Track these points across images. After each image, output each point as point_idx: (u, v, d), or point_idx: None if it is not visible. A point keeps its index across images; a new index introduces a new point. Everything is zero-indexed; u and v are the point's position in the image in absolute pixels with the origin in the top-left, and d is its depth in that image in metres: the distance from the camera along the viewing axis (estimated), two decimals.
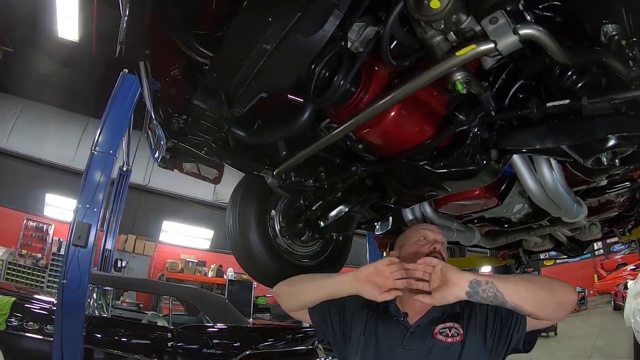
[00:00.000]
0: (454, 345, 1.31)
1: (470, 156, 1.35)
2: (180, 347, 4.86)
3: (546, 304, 1.25)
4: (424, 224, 1.69)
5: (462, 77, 1.11)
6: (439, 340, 1.32)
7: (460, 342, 1.31)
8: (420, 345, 1.33)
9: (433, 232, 1.54)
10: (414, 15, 1.01)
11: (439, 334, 1.34)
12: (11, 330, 4.33)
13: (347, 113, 1.34)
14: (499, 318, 1.32)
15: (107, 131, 4.51)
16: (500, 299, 1.22)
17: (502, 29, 0.97)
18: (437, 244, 1.49)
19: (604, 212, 2.45)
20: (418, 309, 1.42)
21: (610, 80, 1.14)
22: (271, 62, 1.13)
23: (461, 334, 1.33)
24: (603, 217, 2.63)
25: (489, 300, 1.24)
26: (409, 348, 1.34)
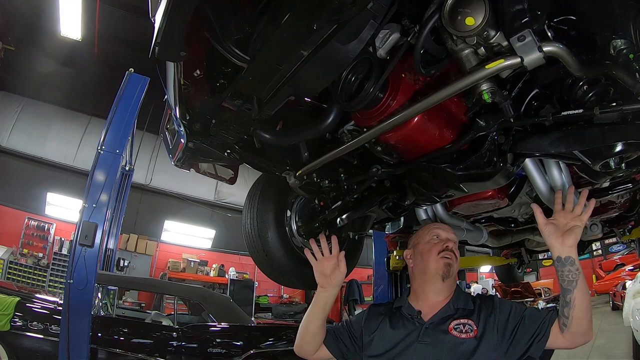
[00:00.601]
0: (467, 340, 1.36)
1: (487, 159, 1.41)
2: (185, 346, 4.90)
3: (585, 320, 1.30)
4: (437, 223, 1.71)
5: (489, 87, 1.18)
6: (454, 335, 1.38)
7: (474, 337, 1.36)
8: (435, 340, 1.39)
9: (446, 231, 1.59)
10: (449, 30, 1.07)
11: (454, 329, 1.39)
12: (15, 330, 4.36)
13: (374, 118, 1.39)
14: (523, 324, 1.37)
15: (113, 130, 4.52)
16: (571, 287, 1.28)
17: (528, 46, 1.03)
18: (450, 242, 1.54)
19: (605, 212, 2.53)
20: (431, 306, 1.48)
21: (617, 90, 1.22)
22: (307, 67, 1.17)
23: (475, 330, 1.38)
24: (604, 218, 2.68)
25: (563, 280, 1.30)
26: (425, 343, 1.39)
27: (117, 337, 4.68)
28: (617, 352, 7.56)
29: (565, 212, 1.32)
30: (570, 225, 1.30)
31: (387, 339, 1.46)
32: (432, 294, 1.50)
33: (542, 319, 1.36)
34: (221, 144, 1.59)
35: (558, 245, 1.30)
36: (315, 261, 1.57)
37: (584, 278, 1.30)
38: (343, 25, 1.04)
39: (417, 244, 1.61)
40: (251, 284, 12.36)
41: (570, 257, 1.29)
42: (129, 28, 9.02)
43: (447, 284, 1.50)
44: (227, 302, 6.04)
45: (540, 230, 1.34)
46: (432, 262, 1.50)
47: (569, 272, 1.28)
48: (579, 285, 1.28)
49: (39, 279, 9.84)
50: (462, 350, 1.34)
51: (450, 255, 1.50)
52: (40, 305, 4.72)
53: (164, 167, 11.64)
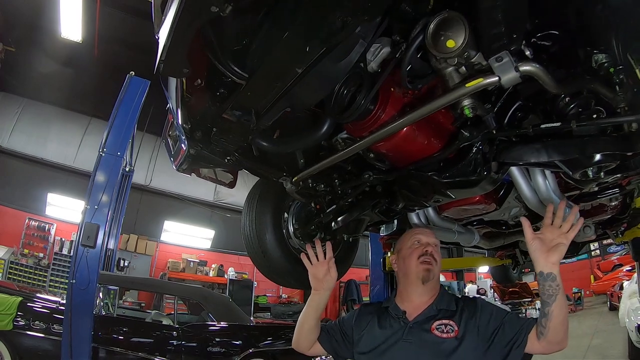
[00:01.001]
0: (448, 340, 1.45)
1: (472, 167, 1.50)
2: (185, 345, 4.97)
3: (561, 331, 1.37)
4: (419, 228, 1.82)
5: (470, 103, 1.27)
6: (436, 335, 1.47)
7: (455, 337, 1.46)
8: (418, 338, 1.48)
9: (426, 235, 1.68)
10: (431, 51, 1.15)
11: (436, 329, 1.48)
12: (17, 329, 4.43)
13: (365, 128, 1.48)
14: (502, 329, 1.45)
15: (114, 133, 4.59)
16: (550, 301, 1.35)
17: (506, 66, 1.11)
18: (429, 246, 1.63)
19: (596, 215, 2.59)
20: (416, 306, 1.58)
21: (599, 102, 1.29)
22: (302, 83, 1.25)
23: (455, 330, 1.47)
24: (596, 220, 2.74)
25: (544, 293, 1.37)
26: (409, 341, 1.49)
27: (118, 336, 4.75)
28: (613, 352, 7.62)
29: (553, 228, 1.38)
30: (556, 242, 1.36)
31: (375, 336, 1.56)
32: (415, 296, 1.60)
33: (520, 327, 1.44)
34: (221, 151, 1.67)
35: (542, 261, 1.37)
36: (310, 265, 1.69)
37: (564, 293, 1.38)
38: (334, 47, 1.12)
39: (400, 249, 1.71)
40: (250, 284, 12.43)
41: (552, 274, 1.36)
42: (129, 29, 9.06)
43: (429, 286, 1.58)
44: (226, 302, 6.13)
45: (527, 244, 1.41)
46: (413, 267, 1.60)
47: (550, 287, 1.36)
48: (558, 300, 1.35)
49: (39, 279, 9.87)
50: (443, 348, 1.43)
51: (430, 260, 1.60)
52: (43, 305, 4.78)
53: (164, 168, 11.65)
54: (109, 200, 4.32)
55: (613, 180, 1.83)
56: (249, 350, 5.24)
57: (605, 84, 1.18)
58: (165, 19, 1.12)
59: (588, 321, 11.81)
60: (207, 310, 5.52)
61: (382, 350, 1.51)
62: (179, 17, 0.96)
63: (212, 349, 5.14)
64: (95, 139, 10.58)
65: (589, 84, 1.22)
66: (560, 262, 1.38)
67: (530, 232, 1.41)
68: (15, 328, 4.42)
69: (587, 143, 1.31)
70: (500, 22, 1.03)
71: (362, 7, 1.00)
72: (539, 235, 1.39)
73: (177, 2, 0.94)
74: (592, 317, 12.47)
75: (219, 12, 0.94)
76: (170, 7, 1.06)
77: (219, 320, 5.43)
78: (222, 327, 5.41)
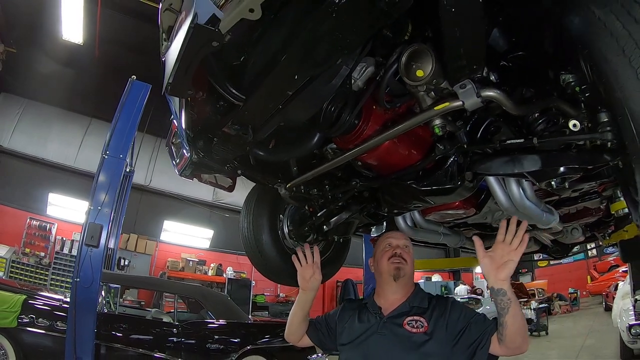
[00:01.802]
0: (417, 335, 1.58)
1: (448, 177, 1.65)
2: (185, 342, 5.11)
3: (518, 338, 1.45)
4: (390, 232, 1.91)
5: (440, 123, 1.44)
6: (406, 329, 1.59)
7: (424, 333, 1.58)
8: (390, 332, 1.61)
9: (397, 238, 1.81)
10: (404, 79, 1.30)
11: (407, 324, 1.61)
12: (21, 326, 4.54)
13: (350, 141, 1.63)
14: (469, 329, 1.56)
15: (116, 136, 4.69)
16: (503, 313, 1.44)
17: (469, 92, 1.26)
18: (399, 248, 1.76)
19: (581, 218, 2.67)
20: (391, 303, 1.71)
21: (565, 118, 1.41)
22: (292, 103, 1.41)
23: (425, 326, 1.59)
24: (583, 222, 2.83)
25: (497, 305, 1.46)
26: (382, 334, 1.62)
27: (120, 333, 4.87)
28: (605, 352, 7.68)
29: (504, 245, 1.46)
30: (505, 259, 1.45)
31: (354, 329, 1.71)
32: (389, 293, 1.73)
33: (485, 329, 1.54)
34: (221, 159, 1.81)
35: (492, 278, 1.46)
36: (299, 266, 1.87)
37: (516, 303, 1.45)
38: (319, 75, 1.28)
39: (375, 253, 1.86)
40: (248, 283, 12.60)
41: (502, 289, 1.45)
42: (129, 31, 9.19)
43: (401, 283, 1.72)
44: (225, 300, 6.25)
45: (479, 261, 1.51)
46: (384, 267, 1.74)
47: (501, 301, 1.45)
48: (510, 312, 1.43)
49: (40, 277, 10.00)
50: (412, 342, 1.56)
51: (399, 260, 1.73)
52: (47, 303, 4.89)
53: (164, 169, 11.82)
54: (111, 201, 4.42)
55: (589, 187, 1.93)
56: (246, 347, 5.38)
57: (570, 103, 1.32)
58: (171, 45, 1.27)
59: (583, 321, 11.94)
60: (206, 308, 5.65)
61: (360, 341, 1.65)
62: (184, 50, 1.10)
63: (211, 346, 5.28)
64: (96, 139, 10.70)
65: (552, 103, 1.35)
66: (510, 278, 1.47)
67: (482, 251, 1.51)
68: (19, 325, 4.52)
69: (551, 157, 1.45)
70: (462, 56, 1.17)
71: (342, 43, 1.15)
72: (489, 253, 1.49)
73: (183, 35, 1.08)
74: (588, 317, 12.58)
75: (219, 45, 1.08)
76: (177, 35, 1.21)
77: (218, 318, 5.57)
78: (220, 325, 5.55)
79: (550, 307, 14.35)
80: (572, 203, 2.29)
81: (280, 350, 5.56)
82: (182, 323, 5.33)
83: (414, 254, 1.82)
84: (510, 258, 1.45)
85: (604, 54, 1.06)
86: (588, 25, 1.11)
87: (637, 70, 1.00)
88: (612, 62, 1.04)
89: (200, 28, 1.03)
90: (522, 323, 1.46)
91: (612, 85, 1.05)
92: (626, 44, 1.02)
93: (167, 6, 1.32)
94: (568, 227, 2.86)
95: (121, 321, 5.18)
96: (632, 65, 1.00)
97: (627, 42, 1.02)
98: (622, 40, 1.03)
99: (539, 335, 11.05)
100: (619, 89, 1.03)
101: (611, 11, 1.07)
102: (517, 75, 1.42)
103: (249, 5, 1.00)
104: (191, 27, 1.03)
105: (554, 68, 1.35)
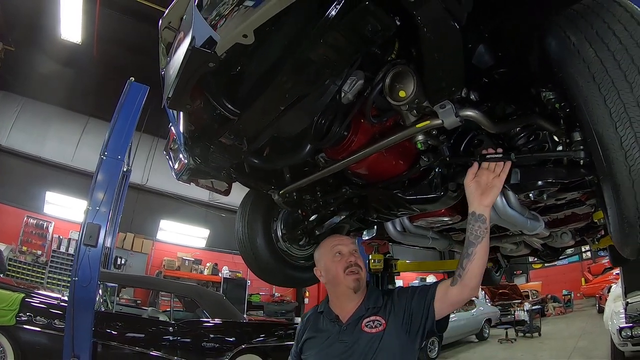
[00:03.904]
0: (377, 334, 1.57)
1: (433, 187, 1.74)
2: (180, 341, 5.18)
3: (477, 277, 1.47)
4: (336, 238, 1.81)
5: (422, 138, 1.52)
6: (366, 332, 1.57)
7: (383, 330, 1.58)
8: (352, 338, 1.58)
9: (346, 245, 1.72)
10: (387, 99, 1.39)
11: (366, 326, 1.59)
12: (19, 324, 4.58)
13: (340, 152, 1.72)
14: (410, 308, 1.57)
15: (115, 137, 4.77)
16: (476, 242, 1.44)
17: (448, 112, 1.35)
18: (352, 256, 1.68)
19: (570, 223, 2.72)
20: (347, 310, 1.68)
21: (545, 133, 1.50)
22: (284, 117, 1.50)
23: (383, 323, 1.57)
24: (572, 227, 2.88)
25: (471, 233, 1.46)
26: (344, 342, 1.58)
27: (117, 332, 4.93)
28: (597, 354, 7.74)
29: (489, 171, 1.47)
30: (491, 185, 1.46)
31: (314, 341, 1.69)
32: (346, 302, 1.68)
33: (428, 288, 1.58)
34: (217, 166, 1.90)
35: (476, 202, 1.47)
36: None
37: (489, 240, 1.46)
38: (309, 93, 1.36)
39: (320, 261, 1.76)
40: (243, 282, 12.62)
41: (483, 215, 1.46)
42: (127, 31, 9.25)
43: (358, 292, 1.67)
44: (220, 300, 6.33)
45: (465, 187, 1.52)
46: (341, 280, 1.66)
47: (479, 228, 1.45)
48: (483, 242, 1.44)
49: (37, 275, 10.04)
50: (372, 342, 1.56)
51: (356, 269, 1.66)
52: (45, 302, 4.93)
53: (160, 168, 11.81)
54: (109, 201, 4.50)
55: (572, 197, 1.99)
56: (241, 346, 5.45)
57: (550, 119, 1.40)
58: (170, 61, 1.36)
59: (577, 323, 11.97)
60: (202, 307, 5.73)
61: (321, 350, 1.64)
62: (182, 70, 1.19)
63: (206, 345, 5.36)
64: (94, 138, 10.72)
65: (531, 120, 1.44)
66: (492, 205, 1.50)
67: (471, 176, 1.50)
68: (17, 323, 4.56)
69: (529, 171, 1.54)
70: (441, 79, 1.26)
71: (330, 65, 1.24)
72: (476, 178, 1.49)
73: (182, 56, 1.17)
74: (581, 319, 12.62)
75: (215, 66, 1.17)
76: (176, 53, 1.30)
77: (214, 317, 5.64)
78: (216, 324, 5.62)
79: (544, 309, 14.46)
80: (558, 210, 2.33)
81: (274, 349, 5.65)
82: (178, 322, 5.39)
83: (411, 256, 1.85)
84: (494, 184, 1.47)
85: (575, 79, 1.13)
86: (563, 50, 1.18)
87: (605, 96, 1.07)
88: (583, 88, 1.11)
89: (198, 51, 1.11)
90: (485, 261, 1.47)
91: (582, 109, 1.13)
92: (597, 71, 1.09)
93: (167, 24, 1.40)
94: (557, 232, 2.91)
95: (118, 319, 5.24)
96: (601, 92, 1.08)
97: (597, 69, 1.09)
98: (593, 67, 1.10)
99: (532, 336, 11.12)
100: (588, 114, 1.11)
101: (585, 38, 1.14)
102: (500, 92, 1.50)
103: (243, 32, 1.08)
104: (189, 50, 1.11)
105: (536, 85, 1.43)
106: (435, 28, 1.11)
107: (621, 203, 1.12)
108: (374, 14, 1.07)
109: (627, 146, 1.05)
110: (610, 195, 1.16)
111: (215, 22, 1.24)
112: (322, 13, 1.11)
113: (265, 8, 1.05)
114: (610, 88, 1.07)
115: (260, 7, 1.09)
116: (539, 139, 1.54)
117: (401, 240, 2.50)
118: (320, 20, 1.13)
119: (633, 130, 1.04)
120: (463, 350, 10.51)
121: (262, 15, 1.06)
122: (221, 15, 1.24)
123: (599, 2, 1.21)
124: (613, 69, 1.07)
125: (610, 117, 1.06)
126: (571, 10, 1.25)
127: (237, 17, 1.16)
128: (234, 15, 1.20)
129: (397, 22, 1.13)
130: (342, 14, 1.09)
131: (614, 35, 1.11)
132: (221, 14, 1.24)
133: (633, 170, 1.05)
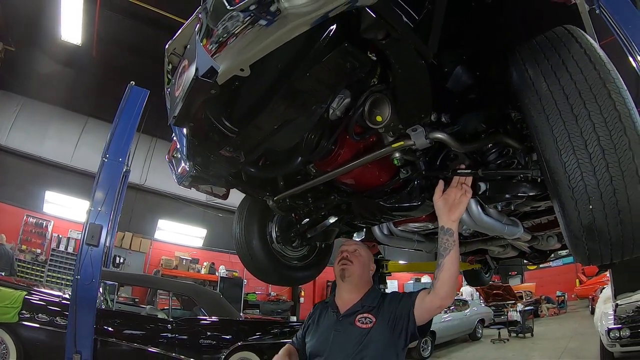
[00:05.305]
0: (365, 330, 1.73)
1: (412, 196, 1.91)
2: (178, 338, 5.29)
3: (447, 285, 1.59)
4: (344, 241, 2.04)
5: (399, 156, 1.69)
6: (357, 326, 1.75)
7: (371, 327, 1.73)
8: (345, 329, 1.77)
9: (347, 245, 1.96)
10: (366, 122, 1.57)
11: (358, 321, 1.76)
12: (22, 322, 4.67)
13: (327, 164, 1.91)
14: (395, 312, 1.74)
15: (116, 140, 4.89)
16: (444, 254, 1.58)
17: (419, 135, 1.54)
18: (347, 252, 1.91)
19: (554, 227, 2.80)
20: (346, 303, 1.85)
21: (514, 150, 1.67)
22: (277, 134, 1.67)
23: (373, 321, 1.74)
24: (556, 231, 2.95)
25: (441, 246, 1.60)
26: (339, 331, 1.78)
27: (117, 329, 5.03)
28: (587, 354, 7.78)
29: (457, 189, 1.62)
30: (458, 202, 1.61)
31: (317, 327, 1.90)
32: (344, 293, 1.89)
33: (412, 295, 1.73)
34: (216, 174, 2.06)
35: (445, 217, 1.61)
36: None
37: (458, 250, 1.59)
38: (297, 117, 1.55)
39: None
40: (240, 281, 12.80)
41: (450, 229, 1.59)
42: (127, 32, 9.37)
43: (352, 284, 1.88)
44: (217, 298, 6.45)
45: (434, 203, 1.67)
46: (336, 270, 1.91)
47: (447, 241, 1.59)
48: (451, 254, 1.57)
49: (37, 274, 10.16)
50: (361, 336, 1.73)
51: (346, 262, 1.88)
52: (47, 299, 5.03)
53: (159, 168, 11.94)
54: (110, 202, 4.62)
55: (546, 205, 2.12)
56: (238, 343, 5.57)
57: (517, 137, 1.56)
58: (175, 84, 1.52)
59: (569, 324, 12.08)
60: (199, 305, 5.85)
61: (321, 336, 1.84)
62: (186, 96, 1.35)
63: (203, 342, 5.48)
64: (93, 138, 10.85)
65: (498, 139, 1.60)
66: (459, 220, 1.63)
67: (439, 193, 1.65)
68: (20, 321, 4.65)
69: (496, 185, 1.72)
70: (411, 107, 1.44)
71: (315, 94, 1.41)
72: (444, 195, 1.64)
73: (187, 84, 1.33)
74: (574, 320, 12.70)
75: (216, 92, 1.32)
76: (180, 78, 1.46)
77: (211, 315, 5.77)
78: (213, 322, 5.74)
79: (538, 310, 14.59)
80: (538, 216, 2.47)
81: (270, 346, 5.75)
82: (176, 319, 5.49)
83: (407, 257, 2.02)
84: (461, 201, 1.61)
85: (529, 109, 1.30)
86: (522, 82, 1.34)
87: (553, 126, 1.22)
88: (534, 118, 1.27)
89: (201, 81, 1.27)
90: (455, 271, 1.59)
91: (534, 136, 1.29)
92: (547, 104, 1.24)
93: (172, 50, 1.57)
94: (542, 236, 3.00)
95: (118, 317, 5.34)
96: (549, 123, 1.23)
97: (548, 101, 1.24)
98: (544, 100, 1.25)
99: (524, 336, 11.21)
100: (538, 141, 1.28)
101: (540, 72, 1.29)
102: (472, 112, 1.67)
103: (240, 66, 1.23)
104: (193, 80, 1.27)
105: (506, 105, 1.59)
106: (404, 64, 1.29)
107: (567, 219, 1.27)
108: (352, 53, 1.25)
109: (570, 171, 1.20)
110: (559, 212, 1.32)
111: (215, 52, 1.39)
112: (308, 51, 1.28)
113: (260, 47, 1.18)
114: (557, 119, 1.22)
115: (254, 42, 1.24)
116: (509, 155, 1.71)
117: (387, 243, 2.67)
118: (307, 56, 1.29)
119: (576, 157, 1.18)
120: (456, 349, 10.60)
121: (257, 53, 1.20)
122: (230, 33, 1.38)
123: (557, 37, 1.36)
124: (562, 102, 1.22)
125: (556, 145, 1.22)
126: (534, 42, 1.41)
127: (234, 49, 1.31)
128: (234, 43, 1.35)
129: (373, 59, 1.30)
130: (325, 53, 1.26)
131: (566, 71, 1.25)
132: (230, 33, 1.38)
133: (575, 191, 1.20)
